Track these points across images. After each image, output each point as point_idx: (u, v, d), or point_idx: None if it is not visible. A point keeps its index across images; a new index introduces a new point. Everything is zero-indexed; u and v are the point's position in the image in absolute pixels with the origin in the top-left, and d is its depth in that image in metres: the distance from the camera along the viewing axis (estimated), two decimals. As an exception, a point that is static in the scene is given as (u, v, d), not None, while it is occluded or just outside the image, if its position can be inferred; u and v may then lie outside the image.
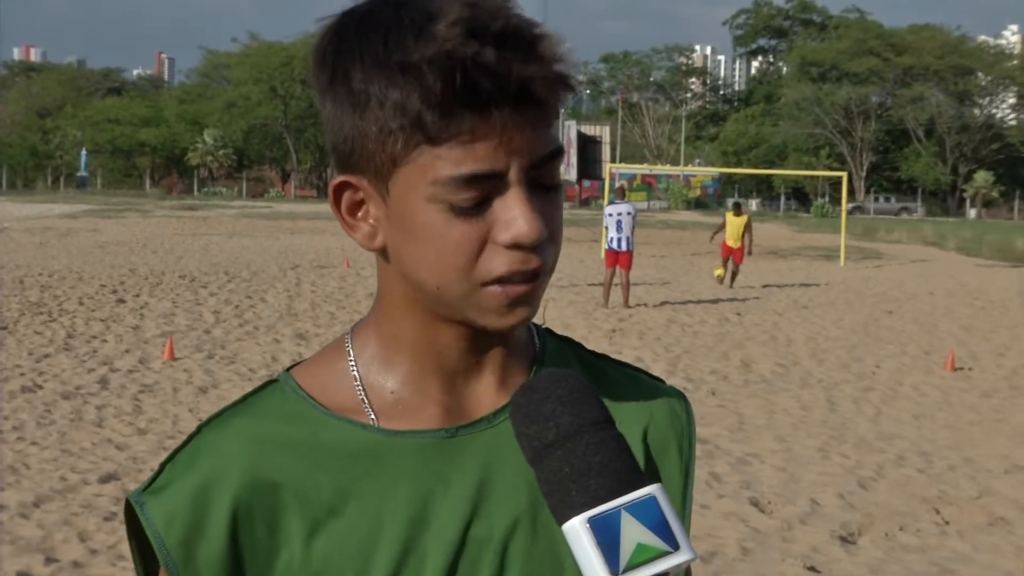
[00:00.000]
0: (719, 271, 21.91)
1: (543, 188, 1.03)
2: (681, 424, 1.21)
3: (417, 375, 1.11)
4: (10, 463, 7.45)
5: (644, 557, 0.89)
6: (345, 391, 1.11)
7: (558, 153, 1.03)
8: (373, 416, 1.10)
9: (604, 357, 1.24)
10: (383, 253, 1.08)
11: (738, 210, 22.88)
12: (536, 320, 1.18)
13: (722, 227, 22.73)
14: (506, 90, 0.98)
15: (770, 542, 6.38)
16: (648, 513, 0.90)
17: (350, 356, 1.13)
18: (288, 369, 1.15)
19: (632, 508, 0.90)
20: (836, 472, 7.96)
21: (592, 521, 0.90)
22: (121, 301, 16.48)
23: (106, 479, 7.11)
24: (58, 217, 43.15)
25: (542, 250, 1.02)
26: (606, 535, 0.89)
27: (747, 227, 22.13)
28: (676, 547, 0.90)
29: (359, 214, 1.07)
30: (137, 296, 17.22)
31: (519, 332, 1.16)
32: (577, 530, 0.90)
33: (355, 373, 1.12)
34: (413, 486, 1.08)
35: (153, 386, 10.14)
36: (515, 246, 1.01)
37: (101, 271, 21.12)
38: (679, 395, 1.24)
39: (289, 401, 1.11)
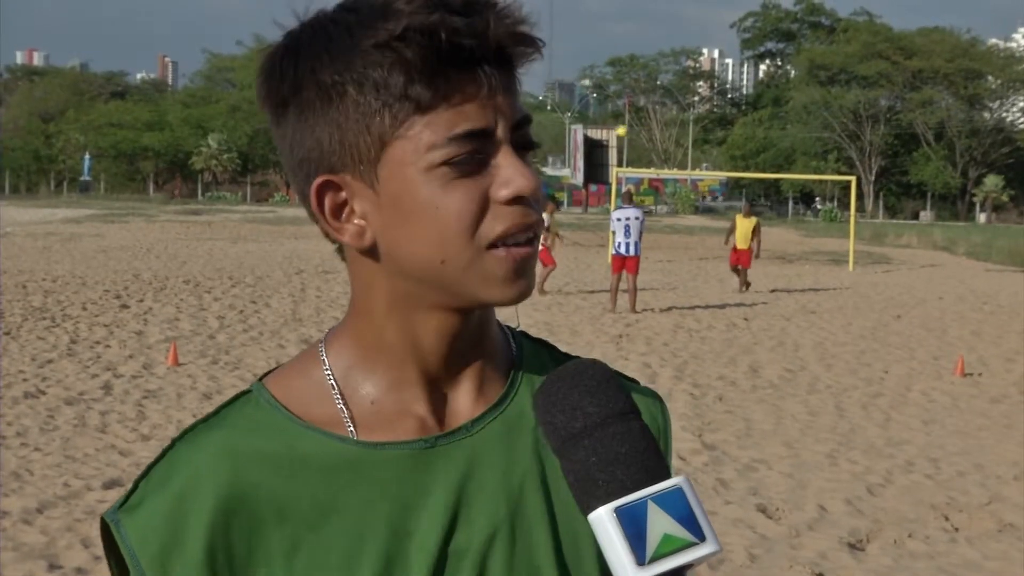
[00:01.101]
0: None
1: (522, 152, 1.05)
2: (658, 426, 1.21)
3: (398, 382, 1.10)
4: (13, 469, 7.43)
5: (670, 548, 0.89)
6: (322, 402, 1.09)
7: (530, 120, 1.06)
8: (352, 428, 1.08)
9: (577, 359, 1.22)
10: (371, 252, 1.06)
11: (748, 212, 22.82)
12: (511, 323, 1.21)
13: (733, 229, 22.66)
14: (487, 47, 1.00)
15: (778, 549, 6.33)
16: (675, 504, 0.91)
17: (326, 365, 1.11)
18: (260, 379, 1.13)
19: (659, 499, 0.91)
20: (844, 478, 7.91)
21: (619, 511, 0.90)
22: (125, 306, 16.47)
23: (110, 485, 7.09)
24: (61, 222, 43.22)
25: (535, 206, 1.04)
26: (632, 525, 0.90)
27: (756, 230, 22.05)
28: (702, 538, 0.90)
29: (344, 215, 1.06)
30: (141, 301, 17.21)
31: (496, 336, 1.16)
32: (603, 520, 0.90)
33: (332, 383, 1.10)
34: (393, 498, 1.06)
35: (157, 392, 10.11)
36: (515, 200, 1.02)
37: (105, 276, 21.12)
38: (655, 396, 1.24)
39: (263, 413, 1.09)
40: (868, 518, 6.98)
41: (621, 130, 53.97)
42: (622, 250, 18.11)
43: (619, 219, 18.45)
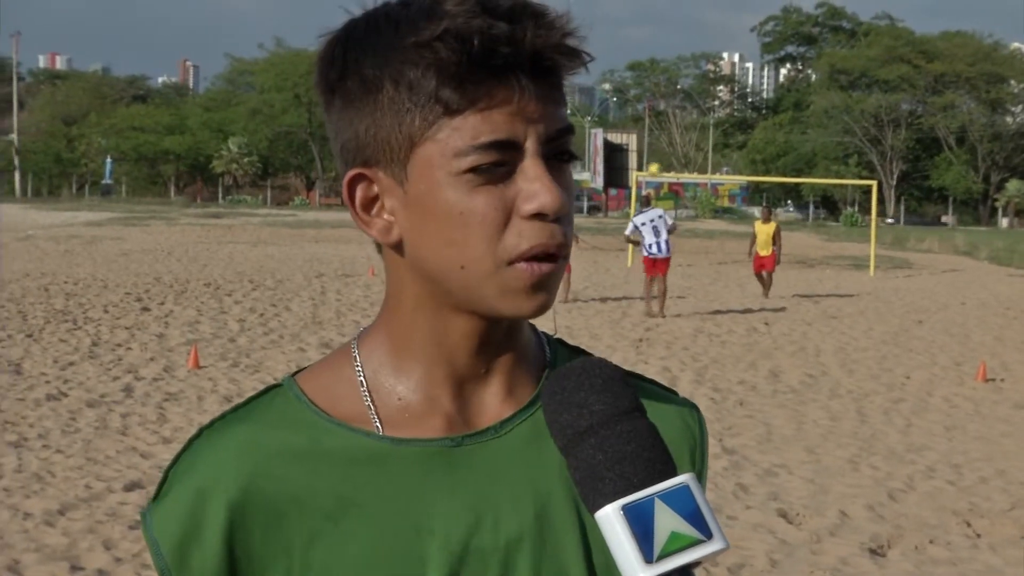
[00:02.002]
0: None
1: (558, 164, 1.04)
2: (694, 436, 1.21)
3: (426, 381, 1.10)
4: (35, 471, 7.46)
5: (678, 545, 0.89)
6: (351, 398, 1.10)
7: (570, 131, 1.05)
8: (378, 424, 1.09)
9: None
10: (398, 248, 1.07)
11: (767, 217, 22.70)
12: (547, 330, 1.20)
13: (755, 239, 22.51)
14: (521, 56, 0.99)
15: (798, 554, 6.31)
16: (681, 501, 0.90)
17: (356, 362, 1.12)
18: (293, 374, 1.14)
19: (665, 496, 0.90)
20: (866, 484, 7.88)
21: (626, 509, 0.90)
22: (146, 309, 16.53)
23: (131, 487, 7.11)
24: (83, 225, 43.45)
25: (564, 224, 1.03)
26: (640, 523, 0.89)
27: (776, 234, 21.93)
28: (709, 535, 0.90)
29: (374, 209, 1.07)
30: (162, 304, 17.28)
31: (529, 339, 1.16)
32: (611, 518, 0.90)
33: (362, 379, 1.11)
34: (417, 495, 1.07)
35: (178, 394, 10.15)
36: (538, 216, 1.01)
37: (126, 279, 21.21)
38: (692, 406, 1.24)
39: (291, 407, 1.10)
40: (889, 524, 6.94)
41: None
42: (654, 250, 17.93)
43: (644, 223, 18.26)
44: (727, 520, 6.82)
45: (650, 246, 18.00)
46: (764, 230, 22.10)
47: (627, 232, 19.11)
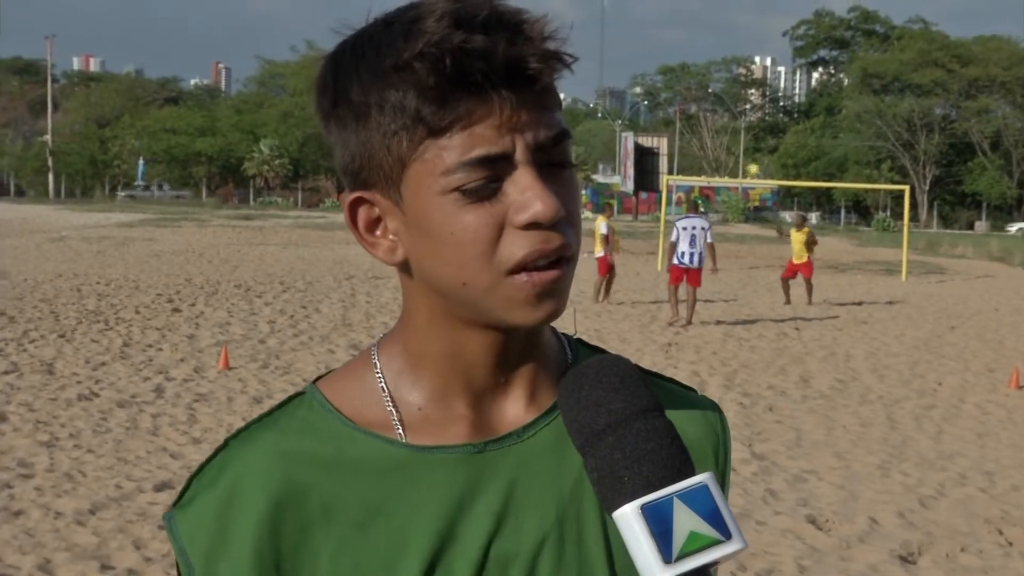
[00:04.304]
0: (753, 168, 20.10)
1: (555, 170, 1.02)
2: (716, 435, 1.21)
3: (444, 392, 1.10)
4: (66, 470, 7.51)
5: (696, 545, 0.89)
6: (373, 406, 1.11)
7: (564, 135, 1.03)
8: (401, 431, 1.09)
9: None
10: (405, 267, 1.08)
11: (800, 224, 22.45)
12: (567, 330, 1.20)
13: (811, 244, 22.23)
14: (496, 69, 0.98)
15: (827, 560, 6.27)
16: (700, 501, 0.90)
17: (377, 369, 1.13)
18: (315, 381, 1.14)
19: (684, 496, 0.90)
20: (896, 490, 7.82)
21: (645, 508, 0.90)
22: (177, 310, 16.63)
23: (161, 488, 7.14)
24: (115, 226, 43.70)
25: (562, 229, 1.01)
26: (658, 523, 0.89)
27: (809, 240, 21.64)
28: (728, 536, 0.90)
29: (377, 231, 1.07)
30: (193, 305, 17.37)
31: (549, 343, 1.16)
32: (629, 517, 0.90)
33: (383, 387, 1.11)
34: (440, 502, 1.07)
35: (208, 395, 10.19)
36: (533, 225, 1.00)
37: (157, 280, 21.34)
38: (714, 406, 1.24)
39: (316, 415, 1.10)
40: (920, 531, 6.89)
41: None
42: (685, 260, 17.39)
43: (684, 228, 17.70)
44: (756, 525, 6.79)
45: (682, 255, 17.48)
46: (796, 238, 21.88)
47: (672, 238, 18.49)
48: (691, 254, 17.47)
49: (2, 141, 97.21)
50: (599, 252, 19.68)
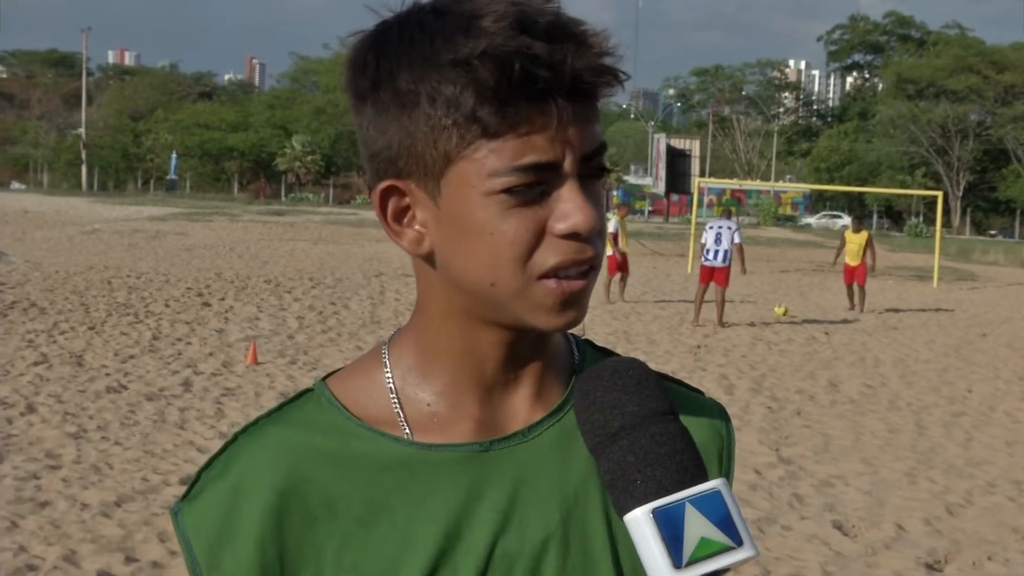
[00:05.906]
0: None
1: (590, 181, 1.03)
2: (721, 439, 1.21)
3: (453, 387, 1.10)
4: (93, 462, 7.55)
5: (707, 551, 0.88)
6: (380, 402, 1.11)
7: (604, 148, 1.04)
8: (407, 429, 1.09)
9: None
10: (428, 259, 1.07)
11: (857, 226, 22.28)
12: (575, 330, 1.19)
13: (842, 246, 22.15)
14: (561, 80, 0.98)
15: (853, 567, 6.23)
16: (712, 507, 0.90)
17: (386, 367, 1.13)
18: (324, 378, 1.15)
19: (696, 501, 0.90)
20: (923, 497, 7.77)
21: (656, 512, 0.89)
22: (206, 304, 16.70)
23: (187, 481, 7.15)
24: (147, 220, 43.99)
25: (594, 241, 1.03)
26: (670, 527, 0.89)
27: (868, 243, 21.46)
28: (740, 543, 0.89)
29: (405, 220, 1.07)
30: (222, 300, 17.44)
31: (558, 343, 1.16)
32: (640, 521, 0.90)
33: (391, 384, 1.11)
34: (445, 500, 1.07)
35: (235, 390, 10.23)
36: (572, 235, 1.01)
37: (187, 274, 21.44)
38: (720, 410, 1.24)
39: (323, 411, 1.11)
40: (947, 539, 6.84)
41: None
42: (709, 257, 17.57)
43: (711, 227, 17.95)
44: (781, 530, 6.76)
45: (707, 252, 17.70)
46: (855, 239, 21.69)
47: (701, 240, 18.57)
48: (715, 251, 17.60)
49: (37, 133, 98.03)
50: (608, 251, 19.68)
